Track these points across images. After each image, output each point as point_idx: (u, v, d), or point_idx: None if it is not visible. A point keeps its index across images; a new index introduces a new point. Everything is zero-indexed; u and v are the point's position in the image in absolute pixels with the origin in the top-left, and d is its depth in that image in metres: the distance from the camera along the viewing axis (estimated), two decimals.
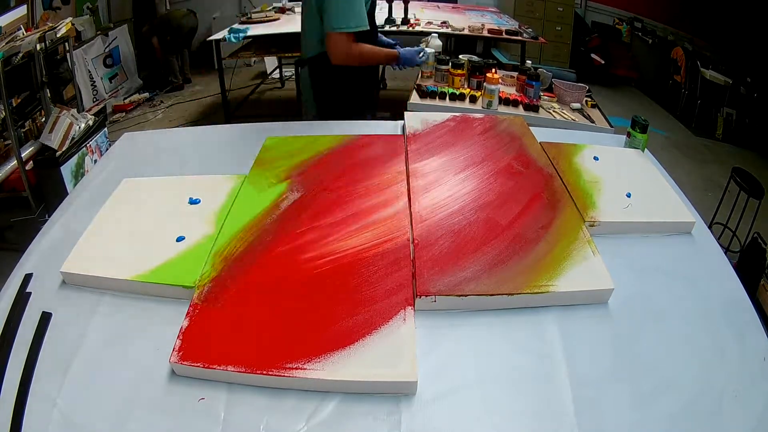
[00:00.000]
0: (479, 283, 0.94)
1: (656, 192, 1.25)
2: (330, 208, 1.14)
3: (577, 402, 0.78)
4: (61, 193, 2.30)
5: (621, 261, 1.05)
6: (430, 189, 1.20)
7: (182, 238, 1.05)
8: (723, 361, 0.87)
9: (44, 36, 2.71)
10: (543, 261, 1.00)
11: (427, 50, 2.51)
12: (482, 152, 1.36)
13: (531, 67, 2.51)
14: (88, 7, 4.16)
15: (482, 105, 2.23)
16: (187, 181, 1.26)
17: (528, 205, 1.15)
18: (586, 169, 1.31)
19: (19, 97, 2.71)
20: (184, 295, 0.93)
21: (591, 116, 2.26)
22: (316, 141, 1.41)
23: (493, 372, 0.83)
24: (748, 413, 0.79)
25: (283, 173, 1.27)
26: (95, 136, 2.74)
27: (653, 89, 4.84)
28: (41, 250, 1.09)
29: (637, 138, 1.45)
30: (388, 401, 0.78)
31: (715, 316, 0.96)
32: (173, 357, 0.80)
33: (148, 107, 4.47)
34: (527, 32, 3.59)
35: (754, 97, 3.80)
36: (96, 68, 4.10)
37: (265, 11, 3.98)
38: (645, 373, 0.84)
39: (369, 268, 0.97)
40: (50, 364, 0.83)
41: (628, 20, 5.09)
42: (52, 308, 0.93)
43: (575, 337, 0.89)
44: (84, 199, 1.26)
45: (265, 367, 0.79)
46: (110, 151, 1.51)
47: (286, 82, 5.00)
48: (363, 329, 0.85)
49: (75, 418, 0.75)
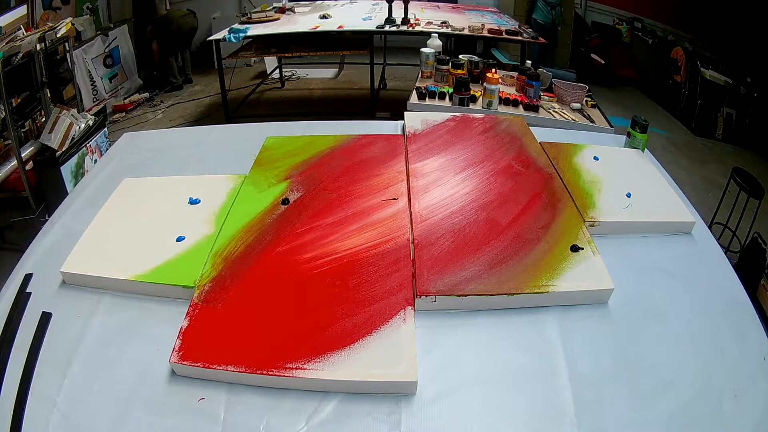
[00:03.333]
0: (479, 283, 0.94)
1: (656, 192, 1.25)
2: (330, 208, 1.14)
3: (577, 402, 0.78)
4: (61, 193, 2.30)
5: (621, 261, 1.05)
6: (430, 189, 1.20)
7: (182, 238, 1.05)
8: (723, 361, 0.87)
9: (44, 36, 2.71)
10: (543, 261, 0.99)
11: (426, 50, 2.52)
12: (482, 152, 1.36)
13: (531, 67, 2.51)
14: (88, 7, 4.15)
15: (482, 105, 2.23)
16: (187, 181, 1.26)
17: (528, 205, 1.15)
18: (586, 169, 1.31)
19: (19, 97, 2.71)
20: (184, 295, 0.93)
21: (591, 116, 2.26)
22: (316, 141, 1.41)
23: (493, 372, 0.83)
24: (748, 413, 0.79)
25: (283, 173, 1.27)
26: (95, 136, 2.74)
27: (653, 89, 4.84)
28: (41, 250, 1.09)
29: (637, 138, 1.45)
30: (388, 401, 0.78)
31: (715, 316, 0.95)
32: (173, 357, 0.80)
33: (148, 107, 4.47)
34: (527, 32, 3.59)
35: (754, 97, 3.80)
36: (96, 68, 4.10)
37: (265, 11, 3.98)
38: (645, 373, 0.84)
39: (369, 268, 0.97)
40: (50, 364, 0.83)
41: (628, 20, 5.09)
42: (52, 308, 0.93)
43: (575, 337, 0.89)
44: (84, 199, 1.26)
45: (265, 367, 0.79)
46: (110, 151, 1.51)
47: (286, 82, 5.00)
48: (363, 329, 0.85)
49: (75, 418, 0.76)
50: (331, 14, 3.90)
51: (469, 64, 2.52)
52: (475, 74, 2.51)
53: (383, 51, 4.77)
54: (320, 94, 4.79)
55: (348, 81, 5.06)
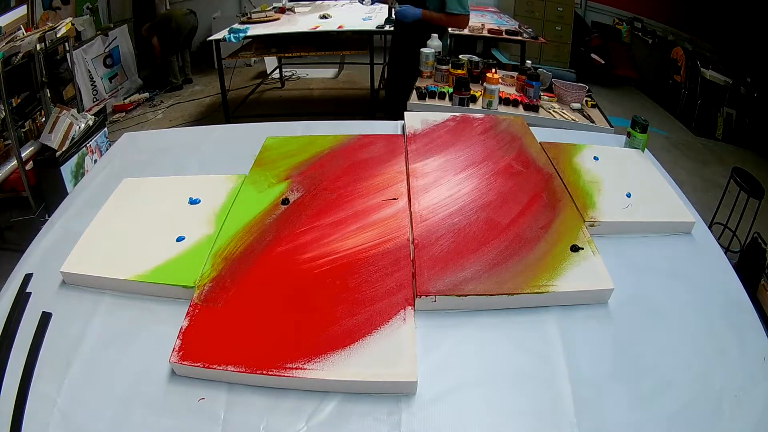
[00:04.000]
0: (479, 283, 0.94)
1: (656, 192, 1.25)
2: (330, 208, 1.14)
3: (577, 402, 0.78)
4: (61, 193, 2.30)
5: (621, 261, 1.05)
6: (430, 189, 1.20)
7: (182, 238, 1.05)
8: (723, 361, 0.87)
9: (44, 36, 2.71)
10: (543, 261, 0.99)
11: (426, 50, 2.52)
12: (482, 152, 1.36)
13: (531, 67, 2.51)
14: (88, 7, 4.16)
15: (482, 105, 2.23)
16: (187, 181, 1.26)
17: (528, 205, 1.15)
18: (586, 169, 1.31)
19: (19, 97, 2.72)
20: (184, 295, 0.93)
21: (591, 116, 2.26)
22: (316, 141, 1.41)
23: (493, 372, 0.83)
24: (748, 413, 0.79)
25: (283, 173, 1.27)
26: (95, 136, 2.74)
27: (653, 89, 4.83)
28: (41, 250, 1.09)
29: (637, 138, 1.45)
30: (388, 401, 0.78)
31: (715, 316, 0.95)
32: (173, 357, 0.80)
33: (148, 107, 4.48)
34: (527, 32, 3.59)
35: (754, 97, 3.80)
36: (96, 68, 4.10)
37: (265, 11, 3.98)
38: (645, 373, 0.84)
39: (369, 268, 0.97)
40: (50, 364, 0.83)
41: (628, 20, 5.09)
42: (52, 308, 0.93)
43: (575, 337, 0.89)
44: (84, 199, 1.26)
45: (265, 367, 0.79)
46: (110, 151, 1.51)
47: (286, 82, 5.00)
48: (363, 329, 0.85)
49: (75, 418, 0.75)
50: (331, 14, 3.90)
51: (469, 64, 2.52)
52: (475, 74, 2.51)
53: (383, 51, 4.78)
54: (320, 94, 4.79)
55: (348, 81, 5.06)
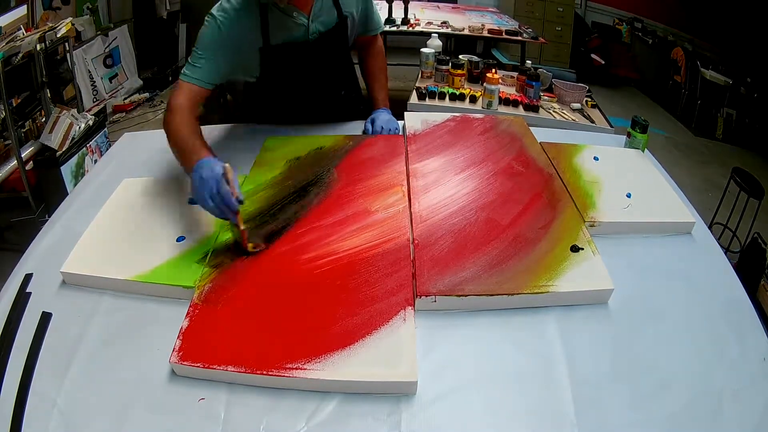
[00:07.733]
0: (479, 283, 0.94)
1: (656, 192, 1.25)
2: (330, 208, 1.14)
3: (577, 402, 0.78)
4: (61, 193, 2.30)
5: (621, 261, 1.05)
6: (430, 189, 1.20)
7: (182, 238, 1.05)
8: (723, 361, 0.87)
9: (44, 36, 2.70)
10: (543, 261, 0.99)
11: (426, 51, 2.53)
12: (482, 152, 1.36)
13: (531, 67, 2.51)
14: (88, 7, 4.15)
15: (482, 105, 2.23)
16: (187, 181, 1.26)
17: (528, 206, 1.15)
18: (586, 170, 1.31)
19: (19, 97, 2.71)
20: (184, 295, 0.93)
21: (591, 116, 2.26)
22: (316, 141, 1.41)
23: (493, 372, 0.83)
24: (748, 413, 0.79)
25: (283, 173, 1.27)
26: (95, 136, 2.74)
27: (653, 89, 4.83)
28: (41, 250, 1.09)
29: (637, 138, 1.45)
30: (388, 401, 0.78)
31: (715, 316, 0.95)
32: (173, 357, 0.80)
33: (148, 107, 4.47)
34: (527, 32, 3.58)
35: (754, 97, 3.80)
36: (96, 68, 4.09)
37: None
38: (645, 373, 0.84)
39: (369, 269, 0.97)
40: (50, 364, 0.83)
41: (628, 20, 5.08)
42: (52, 308, 0.93)
43: (575, 337, 0.89)
44: (84, 199, 1.25)
45: (265, 367, 0.79)
46: (110, 151, 1.51)
47: None
48: (363, 329, 0.85)
49: (75, 418, 0.75)
50: None
51: (469, 64, 2.52)
52: (475, 74, 2.51)
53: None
54: None
55: None
